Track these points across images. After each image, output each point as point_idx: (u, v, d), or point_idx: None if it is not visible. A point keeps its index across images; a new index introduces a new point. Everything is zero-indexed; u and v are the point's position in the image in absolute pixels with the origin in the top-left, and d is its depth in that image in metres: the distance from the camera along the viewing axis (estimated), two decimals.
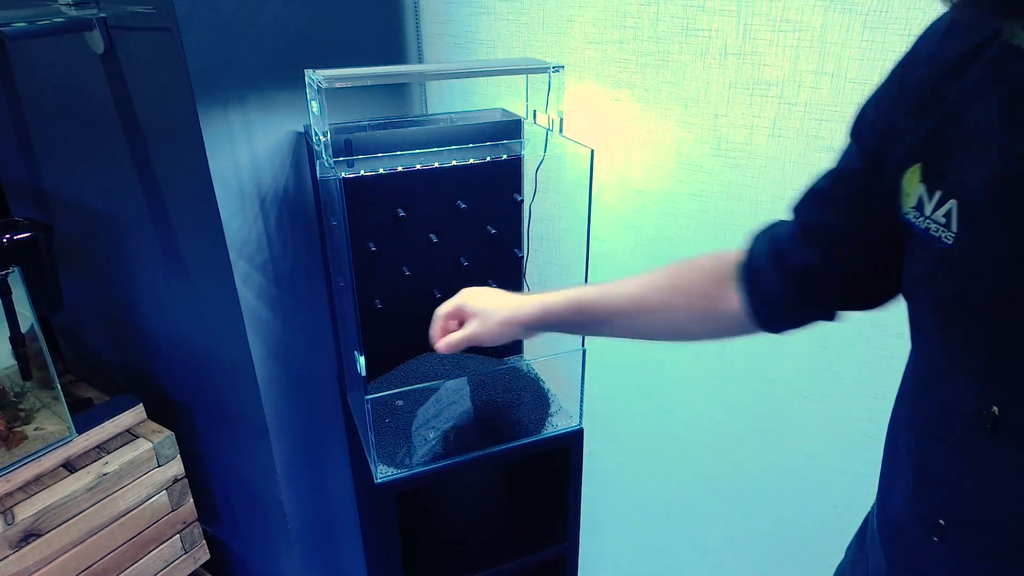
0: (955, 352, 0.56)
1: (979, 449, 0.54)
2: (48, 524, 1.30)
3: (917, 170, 0.56)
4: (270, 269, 1.32)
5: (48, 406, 1.39)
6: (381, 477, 1.15)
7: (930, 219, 0.55)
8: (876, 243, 0.65)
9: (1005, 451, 0.52)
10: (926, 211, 0.55)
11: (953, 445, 0.57)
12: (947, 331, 0.56)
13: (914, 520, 0.62)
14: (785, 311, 0.73)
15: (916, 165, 0.57)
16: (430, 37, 1.43)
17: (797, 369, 1.21)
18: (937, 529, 0.59)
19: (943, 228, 0.53)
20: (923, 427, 0.61)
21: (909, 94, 0.59)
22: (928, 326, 0.59)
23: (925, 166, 0.56)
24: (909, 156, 0.58)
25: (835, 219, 0.67)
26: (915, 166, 0.57)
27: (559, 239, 1.41)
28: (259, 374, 1.36)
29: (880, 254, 0.66)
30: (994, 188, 0.50)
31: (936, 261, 0.55)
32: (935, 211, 0.54)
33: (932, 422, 0.59)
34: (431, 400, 1.21)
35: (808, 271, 0.69)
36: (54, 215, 1.70)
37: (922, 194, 0.56)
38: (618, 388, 1.47)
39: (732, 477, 1.38)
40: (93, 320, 1.82)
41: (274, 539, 1.63)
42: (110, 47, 1.23)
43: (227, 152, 1.19)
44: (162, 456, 1.48)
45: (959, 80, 0.54)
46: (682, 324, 0.81)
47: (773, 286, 0.72)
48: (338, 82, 1.00)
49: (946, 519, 0.58)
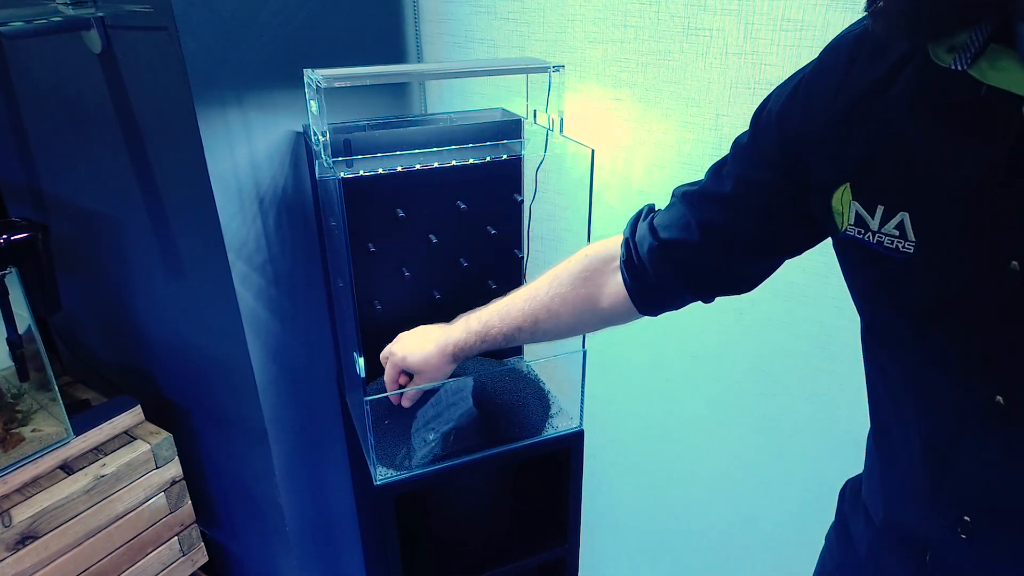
0: (940, 355, 0.56)
1: (994, 440, 0.54)
2: (45, 526, 1.30)
3: (847, 189, 0.58)
4: (269, 270, 1.32)
5: (45, 407, 1.39)
6: (380, 479, 1.15)
7: (880, 233, 0.56)
8: (768, 241, 0.71)
9: (1020, 436, 0.52)
10: (871, 226, 0.56)
11: (968, 441, 0.57)
12: (926, 338, 0.57)
13: (935, 521, 0.62)
14: (659, 289, 0.79)
15: (844, 185, 0.58)
16: (429, 36, 1.43)
17: (799, 370, 1.21)
18: (962, 526, 0.59)
19: (898, 239, 0.54)
20: (932, 428, 0.60)
21: (823, 115, 0.60)
22: (900, 337, 0.60)
23: (855, 185, 0.57)
24: (836, 177, 0.59)
25: (732, 221, 0.71)
26: (843, 186, 0.58)
27: (560, 240, 1.41)
28: (258, 375, 1.36)
29: (768, 250, 0.72)
30: (950, 195, 0.51)
31: (898, 273, 0.56)
32: (884, 225, 0.55)
33: (941, 423, 0.59)
34: (430, 401, 1.21)
35: (681, 247, 0.74)
36: (51, 215, 1.70)
37: (859, 211, 0.57)
38: (619, 389, 1.47)
39: (734, 479, 1.38)
40: (91, 321, 1.82)
41: (273, 541, 1.63)
42: (108, 46, 1.22)
43: (225, 152, 1.19)
44: (160, 458, 1.48)
45: (880, 100, 0.55)
46: (574, 327, 0.90)
47: (648, 263, 0.77)
48: (337, 81, 1.00)
49: (972, 515, 0.58)
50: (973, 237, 0.51)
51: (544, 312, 0.89)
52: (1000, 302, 0.50)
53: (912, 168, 0.53)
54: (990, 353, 0.52)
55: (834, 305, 1.12)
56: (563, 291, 0.87)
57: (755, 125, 0.70)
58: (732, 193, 0.70)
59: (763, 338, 1.22)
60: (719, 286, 0.77)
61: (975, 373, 0.54)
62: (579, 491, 1.32)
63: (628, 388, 1.45)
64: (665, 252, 0.76)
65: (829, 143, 0.59)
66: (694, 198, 0.74)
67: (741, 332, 1.24)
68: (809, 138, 0.61)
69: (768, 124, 0.67)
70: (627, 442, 1.52)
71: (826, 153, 0.60)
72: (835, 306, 1.12)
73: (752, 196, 0.69)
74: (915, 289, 0.55)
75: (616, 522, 1.63)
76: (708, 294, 0.78)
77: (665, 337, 1.35)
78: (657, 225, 0.77)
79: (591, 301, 0.85)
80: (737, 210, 0.70)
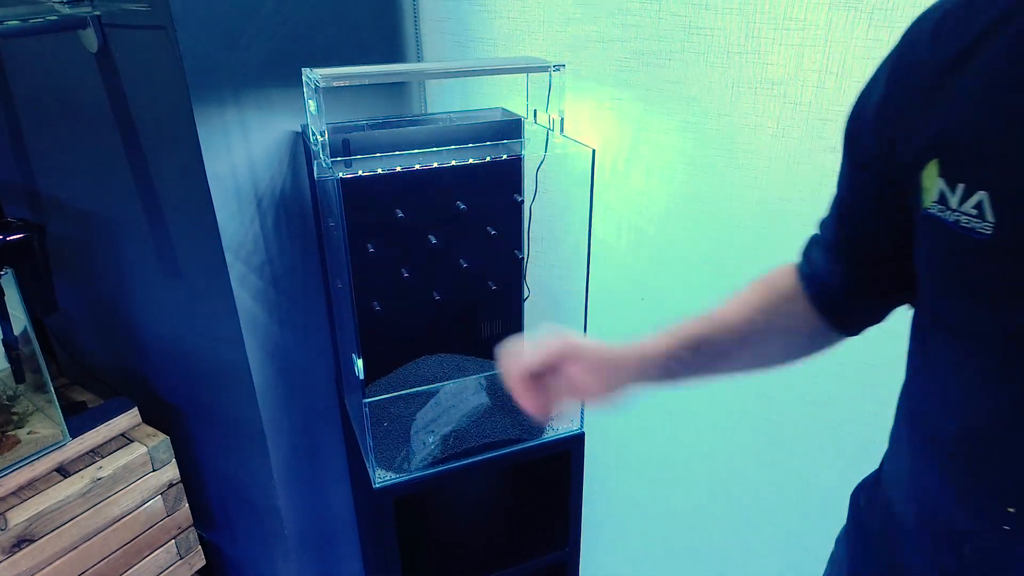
0: (1004, 340, 0.56)
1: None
2: (41, 529, 1.30)
3: (935, 165, 0.57)
4: (267, 271, 1.31)
5: (41, 409, 1.38)
6: (379, 482, 1.15)
7: (959, 212, 0.55)
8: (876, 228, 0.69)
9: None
10: (951, 204, 0.55)
11: (1019, 430, 0.56)
12: (993, 322, 0.56)
13: (976, 513, 0.61)
14: (854, 307, 0.76)
15: (933, 160, 0.57)
16: (429, 35, 1.43)
17: (802, 373, 1.20)
18: (1006, 518, 0.58)
19: (975, 219, 0.53)
20: (981, 416, 0.60)
21: (910, 92, 0.59)
22: (965, 320, 0.59)
23: (943, 161, 0.56)
24: (924, 152, 0.58)
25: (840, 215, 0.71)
26: (932, 161, 0.57)
27: (560, 240, 1.41)
28: (256, 377, 1.36)
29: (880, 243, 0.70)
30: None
31: (972, 253, 0.55)
32: (963, 203, 0.54)
33: (991, 410, 0.59)
34: (430, 403, 1.21)
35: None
36: (48, 216, 1.70)
37: (943, 188, 0.56)
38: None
39: (736, 482, 1.38)
40: (87, 322, 1.82)
41: (271, 545, 1.63)
42: (104, 45, 1.22)
43: (223, 152, 1.19)
44: (157, 460, 1.48)
45: (965, 72, 0.54)
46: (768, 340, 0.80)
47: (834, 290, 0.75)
48: (336, 81, 1.00)
49: (1016, 506, 0.57)
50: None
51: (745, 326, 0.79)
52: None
53: (993, 146, 0.52)
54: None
55: None
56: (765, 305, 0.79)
57: (847, 136, 0.69)
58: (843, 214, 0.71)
59: None
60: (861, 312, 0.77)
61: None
62: (580, 494, 1.32)
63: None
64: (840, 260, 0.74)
65: (919, 117, 0.59)
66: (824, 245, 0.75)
67: None
68: (902, 114, 0.61)
69: (861, 118, 0.67)
70: (628, 444, 1.51)
71: (916, 127, 0.59)
72: None
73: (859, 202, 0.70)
74: (989, 271, 0.54)
75: (617, 525, 1.63)
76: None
77: None
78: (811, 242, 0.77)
79: (792, 328, 0.80)
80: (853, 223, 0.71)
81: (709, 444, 1.38)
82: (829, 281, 0.75)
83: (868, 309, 0.77)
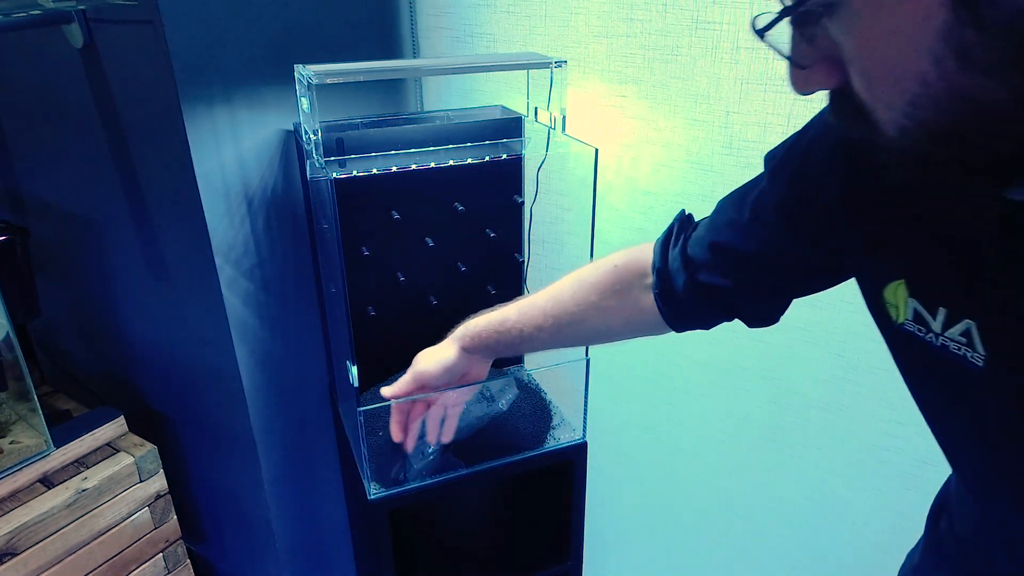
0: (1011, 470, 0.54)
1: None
2: (24, 542, 1.30)
3: (902, 285, 0.54)
4: (258, 274, 1.31)
5: (24, 418, 1.38)
6: (374, 493, 1.14)
7: (945, 337, 0.51)
8: (792, 273, 0.71)
9: None
10: (934, 327, 0.52)
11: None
12: (1000, 450, 0.54)
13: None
14: (694, 315, 0.80)
15: (900, 281, 0.54)
16: (426, 30, 1.43)
17: (812, 379, 1.20)
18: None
19: (966, 348, 0.50)
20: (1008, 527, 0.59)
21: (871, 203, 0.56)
22: (972, 452, 0.58)
23: (910, 283, 0.53)
24: (889, 271, 0.55)
25: (752, 248, 0.71)
26: (899, 281, 0.54)
27: (562, 242, 1.40)
28: (246, 385, 1.35)
29: (793, 282, 0.72)
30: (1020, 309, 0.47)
31: (965, 383, 0.52)
32: (948, 329, 0.51)
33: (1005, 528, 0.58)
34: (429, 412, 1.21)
35: (718, 290, 0.74)
36: (31, 218, 1.70)
37: (918, 308, 0.53)
38: (623, 399, 1.46)
39: (744, 493, 1.38)
40: (72, 328, 1.81)
41: (262, 558, 1.62)
42: (90, 41, 1.22)
43: (212, 151, 1.19)
44: (144, 471, 1.48)
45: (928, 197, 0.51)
46: (592, 331, 0.89)
47: (683, 295, 0.77)
48: (329, 78, 0.99)
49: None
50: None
51: (567, 317, 0.87)
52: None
53: (980, 274, 0.49)
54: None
55: (851, 310, 1.11)
56: (590, 299, 0.86)
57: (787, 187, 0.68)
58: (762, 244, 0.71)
59: (775, 344, 1.22)
60: (757, 319, 0.79)
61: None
62: (582, 505, 1.32)
63: (633, 398, 1.45)
64: (702, 293, 0.76)
65: (882, 232, 0.56)
66: (720, 246, 0.75)
67: (752, 338, 1.24)
68: (862, 222, 0.58)
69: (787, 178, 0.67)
70: (632, 454, 1.51)
71: (879, 241, 0.56)
72: (852, 311, 1.11)
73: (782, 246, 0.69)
74: (988, 403, 0.52)
75: (620, 538, 1.63)
76: (749, 322, 0.80)
77: (672, 344, 1.34)
78: (693, 259, 0.77)
79: (621, 314, 0.85)
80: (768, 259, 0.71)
81: (717, 453, 1.38)
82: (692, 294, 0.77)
83: (721, 320, 0.80)
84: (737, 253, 0.72)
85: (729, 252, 0.73)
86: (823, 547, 1.31)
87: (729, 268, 0.73)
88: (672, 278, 0.78)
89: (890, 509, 1.20)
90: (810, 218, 0.64)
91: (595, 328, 0.88)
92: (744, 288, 0.73)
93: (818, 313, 1.14)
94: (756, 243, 0.70)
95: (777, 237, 0.68)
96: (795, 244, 0.67)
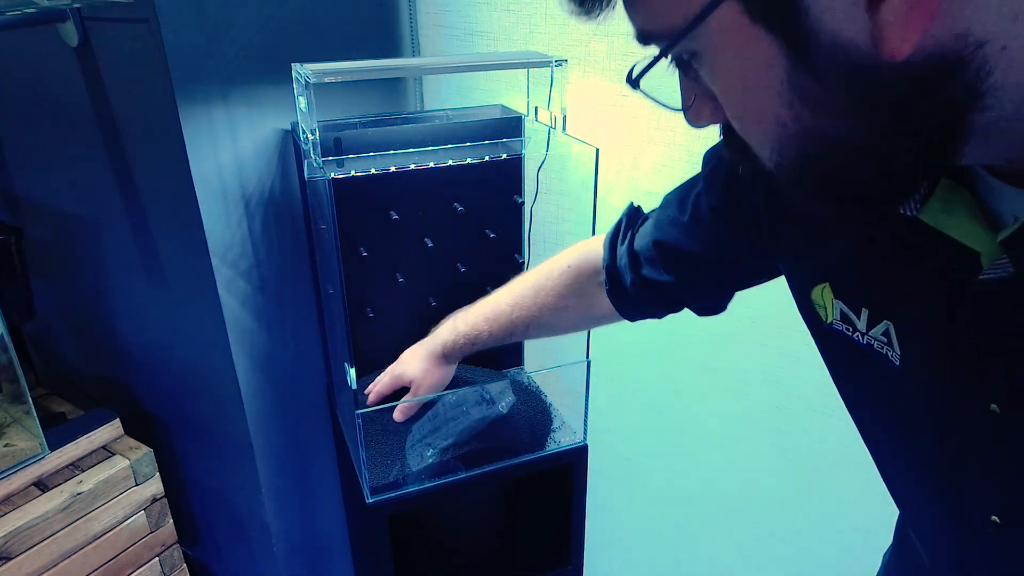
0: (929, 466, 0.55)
1: (998, 546, 0.53)
2: (18, 547, 1.29)
3: (827, 288, 0.57)
4: (255, 275, 1.31)
5: (19, 421, 1.38)
6: (373, 497, 1.14)
7: (870, 336, 0.54)
8: (732, 270, 0.75)
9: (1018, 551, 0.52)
10: (859, 326, 0.55)
11: (968, 548, 0.56)
12: (914, 448, 0.56)
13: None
14: (644, 309, 0.85)
15: (824, 284, 0.57)
16: (426, 28, 1.43)
17: (814, 382, 1.20)
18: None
19: (887, 347, 0.53)
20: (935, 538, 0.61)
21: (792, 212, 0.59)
22: (895, 448, 0.59)
23: (835, 285, 0.56)
24: (814, 274, 0.58)
25: (693, 246, 0.75)
26: (824, 284, 0.57)
27: (562, 243, 1.40)
28: (243, 387, 1.35)
29: (734, 278, 0.76)
30: (925, 318, 0.49)
31: (887, 380, 0.54)
32: (871, 329, 0.54)
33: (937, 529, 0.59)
34: (427, 415, 1.21)
35: (661, 285, 0.79)
36: (25, 218, 1.69)
37: (844, 310, 0.56)
38: (625, 402, 1.46)
39: (746, 497, 1.38)
40: (67, 330, 1.81)
41: (259, 563, 1.62)
42: (85, 40, 1.22)
43: (209, 151, 1.18)
44: (140, 474, 1.47)
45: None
46: (559, 329, 0.99)
47: (632, 291, 0.82)
48: (327, 76, 0.99)
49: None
50: (955, 366, 0.49)
51: (534, 321, 0.95)
52: (987, 438, 0.49)
53: (889, 280, 0.52)
54: (983, 476, 0.51)
55: None
56: (550, 302, 0.92)
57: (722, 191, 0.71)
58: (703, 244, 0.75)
59: (778, 348, 1.21)
60: (704, 310, 0.84)
61: (968, 493, 0.53)
62: (583, 509, 1.31)
63: (635, 401, 1.45)
64: (648, 288, 0.81)
65: (804, 238, 0.59)
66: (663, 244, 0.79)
67: (755, 341, 1.24)
68: (785, 229, 0.62)
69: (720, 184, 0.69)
70: (634, 458, 1.51)
71: (802, 247, 0.60)
72: None
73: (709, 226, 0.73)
74: (905, 400, 0.54)
75: (622, 542, 1.63)
76: (698, 312, 0.85)
77: (674, 347, 1.34)
78: (638, 255, 0.81)
79: (581, 311, 0.92)
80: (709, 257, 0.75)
81: (719, 457, 1.38)
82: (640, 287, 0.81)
83: (670, 312, 0.85)
84: (679, 252, 0.76)
85: (671, 250, 0.77)
86: (825, 552, 1.31)
87: (671, 265, 0.77)
88: (620, 275, 0.83)
89: (893, 514, 1.20)
90: (742, 223, 0.67)
91: (560, 326, 0.97)
92: (687, 283, 0.78)
93: None
94: (697, 243, 0.74)
95: (715, 237, 0.72)
96: (732, 245, 0.70)
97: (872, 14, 0.35)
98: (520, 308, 0.95)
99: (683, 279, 0.77)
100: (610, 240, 0.86)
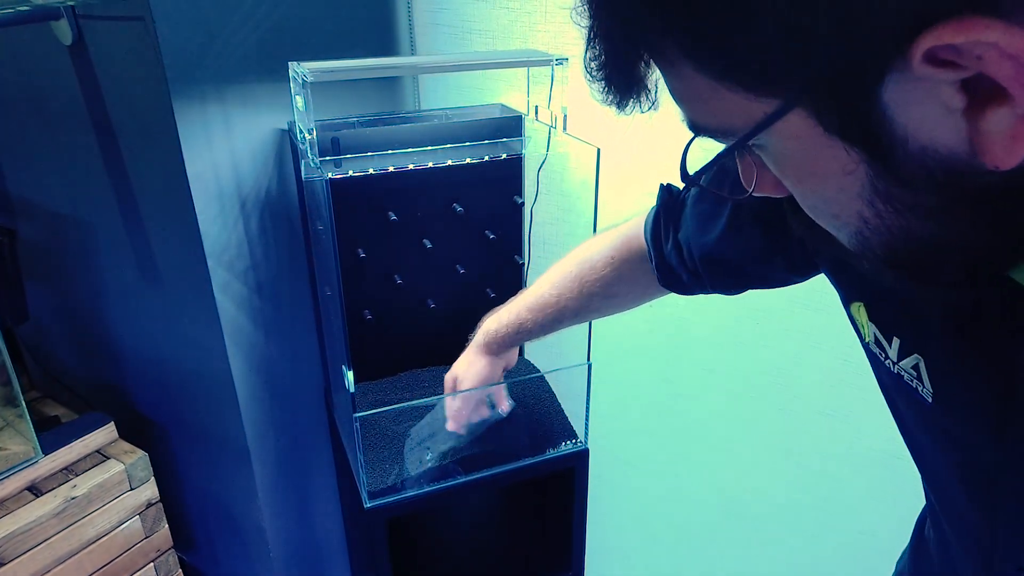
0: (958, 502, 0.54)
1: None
2: (12, 552, 1.29)
3: (862, 308, 0.55)
4: (251, 277, 1.31)
5: (12, 424, 1.37)
6: (371, 501, 1.14)
7: (900, 366, 0.52)
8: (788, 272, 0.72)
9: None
10: (891, 355, 0.53)
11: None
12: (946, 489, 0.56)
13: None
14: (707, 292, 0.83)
15: (860, 303, 0.55)
16: (424, 27, 1.42)
17: (818, 383, 1.20)
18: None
19: (916, 381, 0.51)
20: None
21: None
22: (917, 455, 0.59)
23: (870, 308, 0.54)
24: (850, 291, 0.56)
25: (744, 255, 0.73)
26: (859, 303, 0.55)
27: (563, 244, 1.40)
28: (239, 390, 1.35)
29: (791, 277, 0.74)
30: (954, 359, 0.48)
31: (920, 413, 0.53)
32: (901, 359, 0.52)
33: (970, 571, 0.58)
34: (426, 418, 1.20)
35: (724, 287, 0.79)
36: (18, 219, 1.69)
37: (877, 335, 0.54)
38: (627, 405, 1.46)
39: (750, 501, 1.37)
40: (60, 332, 1.81)
41: (255, 568, 1.62)
42: (79, 38, 1.22)
43: (205, 151, 1.18)
44: (135, 479, 1.47)
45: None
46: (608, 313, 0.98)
47: (688, 282, 0.81)
48: (324, 75, 0.99)
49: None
50: (984, 414, 0.47)
51: (583, 307, 0.93)
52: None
53: (919, 313, 0.49)
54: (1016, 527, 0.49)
55: None
56: (597, 290, 0.91)
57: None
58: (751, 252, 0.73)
59: (781, 349, 1.21)
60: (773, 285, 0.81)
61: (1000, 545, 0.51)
62: (584, 514, 1.31)
63: (636, 404, 1.45)
64: (708, 285, 0.79)
65: (836, 257, 0.56)
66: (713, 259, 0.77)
67: (757, 343, 1.23)
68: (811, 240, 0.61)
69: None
70: (635, 461, 1.51)
71: (832, 263, 0.58)
72: None
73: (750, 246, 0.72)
74: (940, 431, 0.52)
75: (623, 546, 1.62)
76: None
77: (676, 349, 1.34)
78: (689, 263, 0.79)
79: (632, 297, 0.92)
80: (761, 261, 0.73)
81: (722, 460, 1.38)
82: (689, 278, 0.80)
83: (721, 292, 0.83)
84: (731, 264, 0.75)
85: (722, 263, 0.75)
86: (829, 555, 1.31)
87: (728, 273, 0.77)
88: (674, 270, 0.81)
89: (897, 516, 1.19)
90: (784, 231, 0.65)
91: (610, 311, 0.96)
92: (747, 283, 0.78)
93: (823, 317, 1.14)
94: (746, 252, 0.73)
95: (760, 244, 0.71)
96: (778, 252, 0.69)
97: (973, 123, 0.32)
98: (566, 298, 0.93)
99: (742, 280, 0.77)
100: (651, 234, 0.83)
